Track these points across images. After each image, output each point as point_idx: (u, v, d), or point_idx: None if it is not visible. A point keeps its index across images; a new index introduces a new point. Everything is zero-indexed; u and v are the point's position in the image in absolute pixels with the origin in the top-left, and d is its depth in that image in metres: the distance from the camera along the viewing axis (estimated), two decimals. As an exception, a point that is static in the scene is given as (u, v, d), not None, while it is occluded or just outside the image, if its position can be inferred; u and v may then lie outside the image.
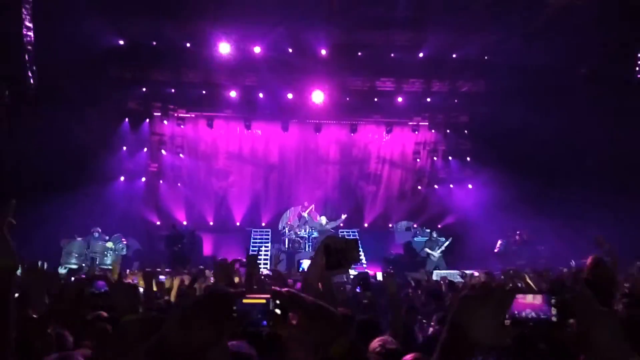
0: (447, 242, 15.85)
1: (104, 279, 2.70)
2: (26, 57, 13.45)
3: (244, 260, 3.47)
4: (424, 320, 5.28)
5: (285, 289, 1.12)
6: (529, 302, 1.28)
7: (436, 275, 13.28)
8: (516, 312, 1.27)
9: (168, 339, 1.02)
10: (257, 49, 15.57)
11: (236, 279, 3.94)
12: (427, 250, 15.82)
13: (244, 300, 1.12)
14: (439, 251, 15.70)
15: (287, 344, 1.09)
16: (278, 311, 1.08)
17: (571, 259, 11.25)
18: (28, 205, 12.42)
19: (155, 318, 1.63)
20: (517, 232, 14.66)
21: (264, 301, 1.14)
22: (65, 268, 12.36)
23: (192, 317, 1.03)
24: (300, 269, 13.01)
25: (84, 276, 8.14)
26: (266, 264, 16.08)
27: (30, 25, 13.17)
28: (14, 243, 1.43)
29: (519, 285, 6.56)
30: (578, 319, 1.26)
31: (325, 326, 1.08)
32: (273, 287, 1.12)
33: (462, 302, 1.23)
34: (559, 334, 1.27)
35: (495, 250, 14.74)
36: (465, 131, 19.18)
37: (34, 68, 13.69)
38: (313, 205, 17.79)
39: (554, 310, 1.27)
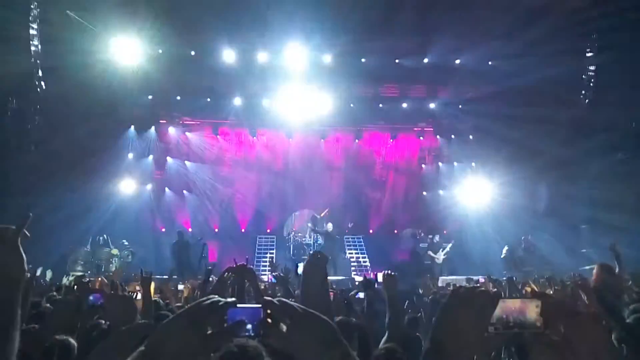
0: (449, 245, 15.78)
1: (100, 292, 2.71)
2: (34, 66, 13.64)
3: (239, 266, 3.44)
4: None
5: (277, 298, 1.11)
6: (516, 307, 1.26)
7: (442, 281, 13.22)
8: (504, 316, 1.24)
9: (155, 349, 1.01)
10: (261, 57, 15.64)
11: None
12: (430, 253, 15.73)
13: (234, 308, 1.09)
14: (442, 254, 15.60)
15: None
16: (269, 320, 1.07)
17: (576, 265, 11.17)
18: (34, 212, 12.52)
19: (146, 327, 1.63)
20: (522, 238, 14.57)
21: (252, 309, 1.12)
22: (72, 276, 12.40)
23: (179, 327, 1.03)
24: (298, 274, 12.93)
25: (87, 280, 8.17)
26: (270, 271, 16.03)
27: (37, 35, 13.35)
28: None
29: (523, 292, 6.52)
30: (564, 324, 1.24)
31: (317, 336, 1.06)
32: (264, 297, 1.12)
33: (443, 310, 1.20)
34: (543, 339, 1.24)
35: (502, 256, 14.64)
36: (470, 136, 19.11)
37: (41, 77, 13.86)
38: (328, 208, 17.67)
39: (539, 316, 1.25)
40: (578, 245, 13.66)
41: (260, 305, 1.10)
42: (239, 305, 1.10)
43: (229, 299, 1.09)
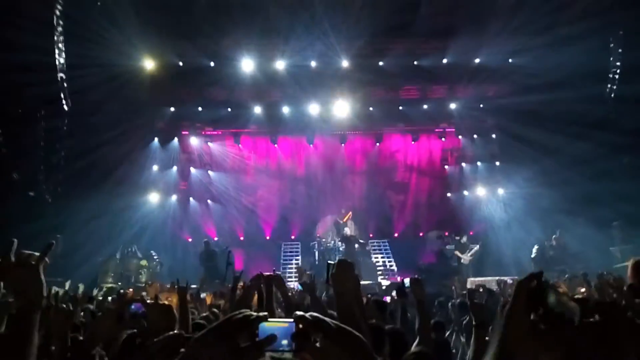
0: (477, 247, 15.59)
1: (141, 302, 2.77)
2: (60, 81, 14.01)
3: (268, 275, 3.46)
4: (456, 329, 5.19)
5: (310, 313, 1.11)
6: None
7: (470, 283, 13.05)
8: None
9: None
10: (279, 64, 15.76)
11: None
12: (458, 254, 15.55)
13: (267, 324, 1.10)
14: (469, 255, 15.41)
15: None
16: (302, 335, 1.06)
17: (609, 263, 10.90)
18: (63, 225, 12.84)
19: (177, 337, 1.66)
20: (553, 237, 14.27)
21: (286, 325, 1.11)
22: (103, 288, 12.65)
23: (211, 341, 1.04)
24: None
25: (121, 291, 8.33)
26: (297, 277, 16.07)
27: (63, 50, 13.72)
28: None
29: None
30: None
31: (351, 353, 1.06)
32: (297, 312, 1.11)
33: (509, 318, 1.17)
34: None
35: (532, 256, 14.37)
36: (493, 135, 18.89)
37: (67, 92, 14.23)
38: (350, 212, 17.72)
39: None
40: (610, 243, 13.33)
41: (292, 320, 1.10)
42: (270, 319, 1.10)
43: (261, 313, 1.10)
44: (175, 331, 2.03)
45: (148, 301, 2.62)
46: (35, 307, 1.46)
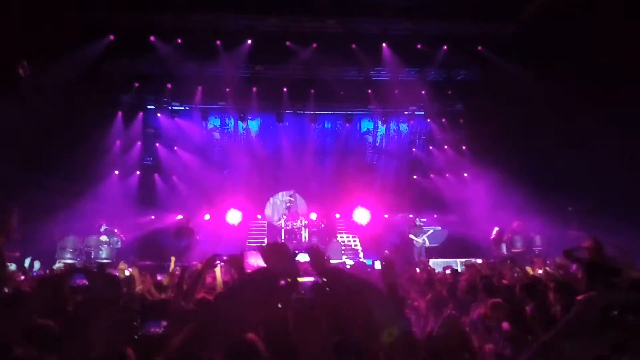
0: (431, 231, 15.95)
1: (84, 272, 2.67)
2: (18, 51, 13.32)
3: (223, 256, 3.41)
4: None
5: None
6: None
7: (433, 264, 13.29)
8: None
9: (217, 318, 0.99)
10: (249, 42, 15.45)
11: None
12: (411, 236, 15.81)
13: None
14: (422, 237, 15.73)
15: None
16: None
17: (564, 247, 11.19)
18: (23, 200, 12.35)
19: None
20: (513, 222, 14.66)
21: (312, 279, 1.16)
22: (60, 263, 12.32)
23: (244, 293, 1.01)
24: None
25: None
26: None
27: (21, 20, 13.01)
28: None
29: (516, 272, 6.55)
30: None
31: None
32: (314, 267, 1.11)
33: None
34: None
35: (491, 238, 14.75)
36: (461, 120, 19.11)
37: (25, 62, 13.56)
38: (293, 190, 17.88)
39: None
40: (567, 227, 13.70)
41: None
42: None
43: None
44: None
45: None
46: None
